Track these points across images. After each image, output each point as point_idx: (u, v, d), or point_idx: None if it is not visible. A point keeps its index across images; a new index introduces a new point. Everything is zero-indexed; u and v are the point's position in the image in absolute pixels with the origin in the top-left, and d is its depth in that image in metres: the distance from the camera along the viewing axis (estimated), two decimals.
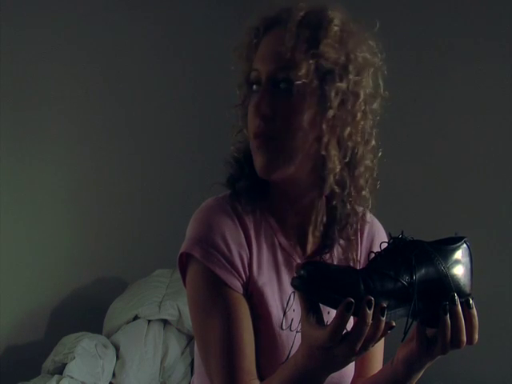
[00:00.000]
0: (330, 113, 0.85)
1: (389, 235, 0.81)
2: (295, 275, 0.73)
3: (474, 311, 0.77)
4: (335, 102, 0.85)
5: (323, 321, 0.73)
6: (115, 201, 2.60)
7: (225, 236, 0.87)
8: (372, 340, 0.70)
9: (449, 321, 0.75)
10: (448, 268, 0.77)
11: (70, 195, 2.46)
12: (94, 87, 2.50)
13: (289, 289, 0.91)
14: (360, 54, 0.87)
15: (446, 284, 0.76)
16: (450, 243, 0.80)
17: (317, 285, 0.71)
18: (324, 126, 0.85)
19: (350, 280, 0.71)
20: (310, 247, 0.96)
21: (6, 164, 2.23)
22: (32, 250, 2.33)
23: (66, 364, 2.04)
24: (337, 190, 0.88)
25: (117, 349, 2.17)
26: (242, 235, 0.89)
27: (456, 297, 0.75)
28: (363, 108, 0.88)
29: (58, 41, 2.37)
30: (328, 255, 0.96)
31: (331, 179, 0.87)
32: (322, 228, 0.94)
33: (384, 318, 0.70)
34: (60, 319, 2.41)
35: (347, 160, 0.88)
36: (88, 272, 2.52)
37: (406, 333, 0.76)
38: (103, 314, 2.38)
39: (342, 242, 0.96)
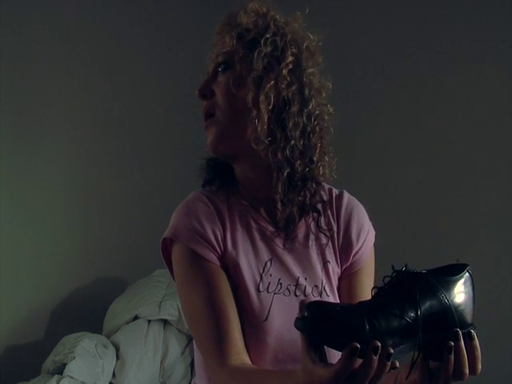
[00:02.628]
0: (257, 71, 0.94)
1: (392, 268, 0.79)
2: (298, 316, 0.71)
3: (477, 343, 0.76)
4: (259, 63, 0.94)
5: (326, 359, 0.72)
6: (115, 201, 2.60)
7: (199, 218, 0.97)
8: (376, 379, 0.69)
9: (452, 358, 0.74)
10: (451, 300, 0.75)
11: (70, 196, 2.46)
12: (93, 87, 2.50)
13: (264, 257, 0.99)
14: (286, 27, 0.97)
15: (450, 316, 0.75)
16: (453, 272, 0.78)
17: (321, 327, 0.69)
18: (250, 84, 0.94)
19: (355, 321, 0.70)
20: (279, 216, 1.00)
21: (6, 164, 2.23)
22: (32, 250, 2.33)
23: (66, 364, 2.04)
24: (265, 140, 0.94)
25: (117, 349, 2.17)
26: (216, 215, 0.99)
27: (459, 333, 0.74)
28: (291, 68, 0.95)
29: (58, 41, 2.37)
30: (303, 227, 1.01)
31: (259, 128, 0.93)
32: (284, 196, 0.98)
33: (390, 362, 0.69)
34: (60, 319, 2.41)
35: (271, 107, 0.94)
36: (88, 272, 2.52)
37: (410, 370, 0.75)
38: (103, 313, 2.38)
39: (314, 214, 1.01)
